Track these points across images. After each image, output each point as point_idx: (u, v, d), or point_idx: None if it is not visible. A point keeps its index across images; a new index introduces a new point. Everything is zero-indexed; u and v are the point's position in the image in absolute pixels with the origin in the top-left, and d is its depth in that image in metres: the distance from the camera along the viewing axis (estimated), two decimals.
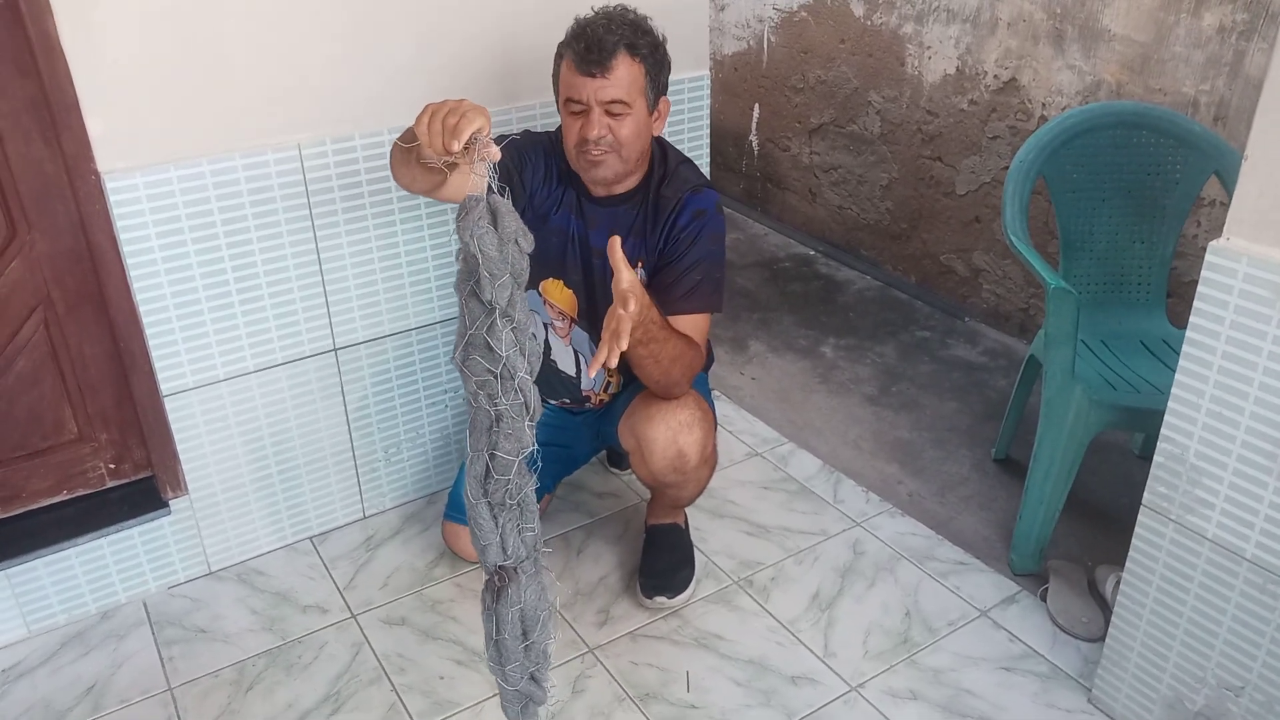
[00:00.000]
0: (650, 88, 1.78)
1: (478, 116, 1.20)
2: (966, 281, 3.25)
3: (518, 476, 1.23)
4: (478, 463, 1.22)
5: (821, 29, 3.54)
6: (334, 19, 1.86)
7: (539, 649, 1.33)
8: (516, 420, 1.20)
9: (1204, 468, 1.53)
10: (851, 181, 3.61)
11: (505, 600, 1.29)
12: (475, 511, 1.24)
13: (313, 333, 2.06)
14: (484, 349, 1.17)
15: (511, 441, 1.21)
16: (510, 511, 1.25)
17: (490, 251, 1.13)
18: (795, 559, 2.18)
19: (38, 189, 1.76)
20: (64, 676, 1.90)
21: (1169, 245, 2.27)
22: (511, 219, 1.15)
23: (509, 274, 1.15)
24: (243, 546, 2.17)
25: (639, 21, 1.78)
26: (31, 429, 1.91)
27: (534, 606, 1.30)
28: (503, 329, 1.16)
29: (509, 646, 1.31)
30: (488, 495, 1.24)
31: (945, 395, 2.82)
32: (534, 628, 1.31)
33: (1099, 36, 2.65)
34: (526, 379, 1.19)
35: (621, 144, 1.77)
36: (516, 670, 1.33)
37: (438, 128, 1.22)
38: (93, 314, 1.89)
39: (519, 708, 1.38)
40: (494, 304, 1.15)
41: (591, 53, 1.70)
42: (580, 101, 1.73)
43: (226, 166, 1.84)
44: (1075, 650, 1.93)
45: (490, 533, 1.25)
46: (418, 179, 1.58)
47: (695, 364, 1.83)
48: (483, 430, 1.22)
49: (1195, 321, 1.47)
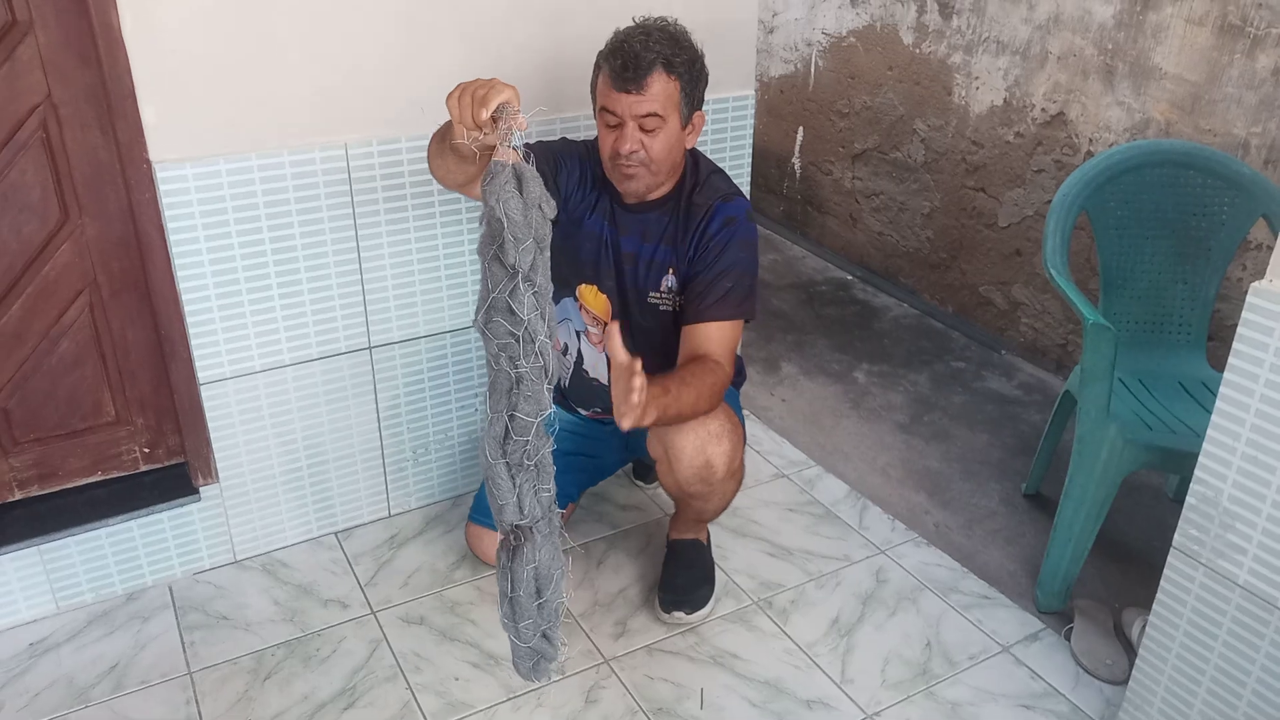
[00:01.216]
0: (685, 102, 1.78)
1: (506, 89, 1.25)
2: (1005, 314, 3.23)
3: (535, 438, 1.25)
4: (497, 424, 1.24)
5: (870, 55, 3.54)
6: (386, 23, 1.90)
7: (551, 607, 1.35)
8: (536, 383, 1.22)
9: (1237, 512, 1.50)
10: (893, 208, 3.60)
11: (521, 558, 1.31)
12: (493, 471, 1.26)
13: (349, 330, 2.08)
14: (506, 312, 1.19)
15: (531, 403, 1.23)
16: (527, 472, 1.27)
17: (515, 215, 1.15)
18: (817, 583, 2.17)
19: (90, 175, 1.81)
20: (88, 654, 1.93)
21: (1212, 287, 2.24)
22: (536, 184, 1.18)
23: (532, 238, 1.17)
24: (269, 537, 2.20)
25: (678, 35, 1.78)
26: (71, 410, 1.95)
27: (548, 565, 1.33)
28: (524, 293, 1.18)
29: (523, 604, 1.33)
30: (506, 456, 1.26)
31: (977, 427, 2.79)
32: (547, 586, 1.33)
33: (1150, 74, 2.63)
34: (546, 342, 1.21)
35: (653, 158, 1.78)
36: (529, 628, 1.35)
37: (467, 100, 1.27)
38: (136, 300, 1.93)
39: (530, 664, 1.40)
40: (517, 268, 1.17)
41: (628, 70, 1.71)
42: (615, 114, 1.75)
43: (274, 162, 1.88)
44: (1097, 692, 1.90)
45: (508, 492, 1.27)
46: (452, 169, 1.60)
47: (718, 386, 1.80)
48: (503, 392, 1.24)
49: (1234, 363, 1.45)
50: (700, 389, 1.74)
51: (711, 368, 1.79)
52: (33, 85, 1.72)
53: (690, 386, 1.73)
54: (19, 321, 1.84)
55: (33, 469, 1.97)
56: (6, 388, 1.88)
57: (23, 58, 1.69)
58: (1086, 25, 2.76)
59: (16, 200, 1.77)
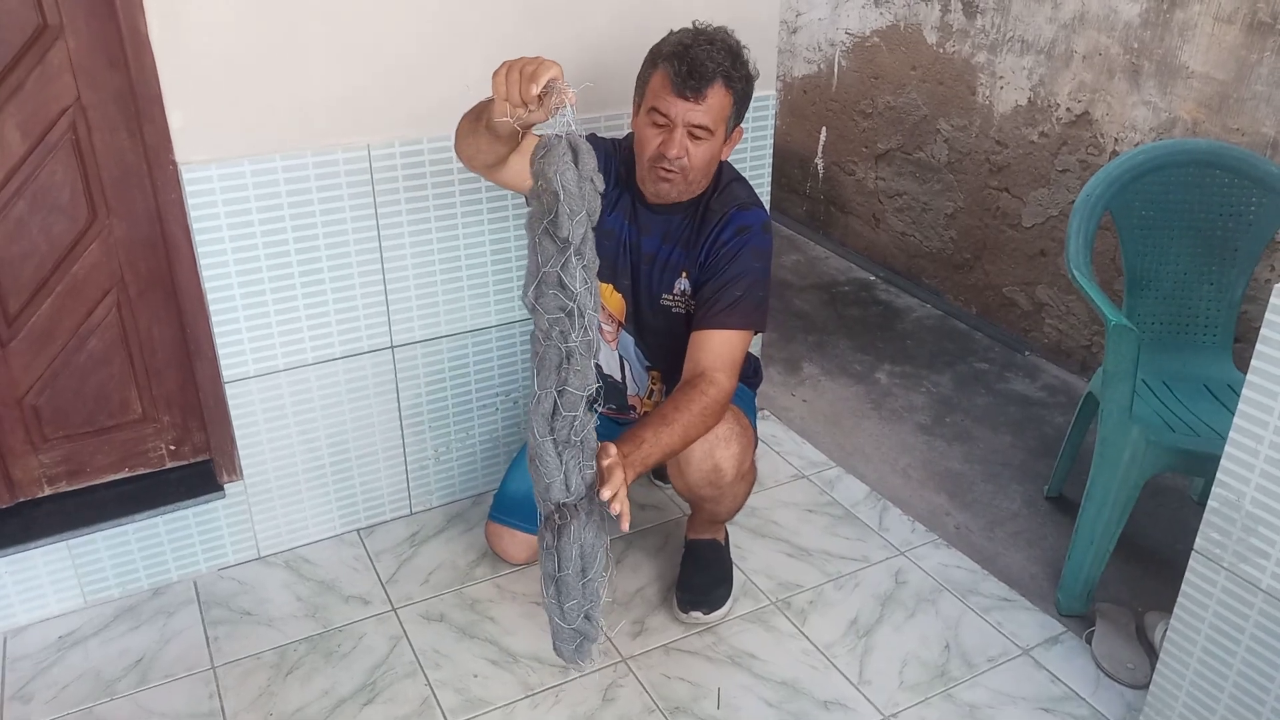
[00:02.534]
0: (734, 117, 1.79)
1: (552, 65, 1.27)
2: (1028, 315, 3.20)
3: (583, 413, 1.27)
4: (545, 401, 1.25)
5: (893, 55, 3.53)
6: (409, 25, 1.91)
7: (594, 587, 1.36)
8: (585, 357, 1.24)
9: (1260, 515, 1.48)
10: (916, 208, 3.58)
11: (567, 536, 1.31)
12: (540, 449, 1.27)
13: (371, 330, 2.11)
14: (557, 286, 1.20)
15: (580, 378, 1.24)
16: (574, 449, 1.28)
17: (571, 187, 1.17)
18: (835, 584, 2.16)
19: (118, 176, 1.84)
20: (114, 647, 1.96)
21: (1239, 288, 2.21)
22: (589, 157, 1.20)
23: (585, 211, 1.18)
24: (292, 534, 2.22)
25: (738, 51, 1.78)
26: (99, 407, 1.99)
27: (592, 543, 1.33)
28: (575, 266, 1.19)
29: (569, 583, 1.33)
30: (554, 433, 1.27)
31: (1000, 429, 2.78)
32: (592, 564, 1.34)
33: (1177, 73, 2.60)
34: (594, 316, 1.22)
35: (693, 166, 1.78)
36: (575, 608, 1.35)
37: (515, 77, 1.28)
38: (162, 299, 1.96)
39: (574, 646, 1.40)
40: (569, 240, 1.18)
41: (692, 77, 1.70)
42: (667, 117, 1.74)
43: (298, 163, 1.90)
44: (1118, 696, 1.89)
45: (555, 470, 1.28)
46: (483, 148, 1.60)
47: (711, 408, 1.75)
48: (552, 368, 1.24)
49: (1257, 365, 1.44)
50: (689, 421, 1.71)
51: (702, 390, 1.75)
52: (63, 89, 1.75)
53: (674, 426, 1.69)
54: (48, 320, 1.88)
55: (61, 465, 2.00)
56: (36, 385, 1.91)
57: (53, 62, 1.72)
58: (1112, 24, 2.73)
59: (46, 201, 1.80)
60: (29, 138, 1.75)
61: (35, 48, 1.71)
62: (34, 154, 1.77)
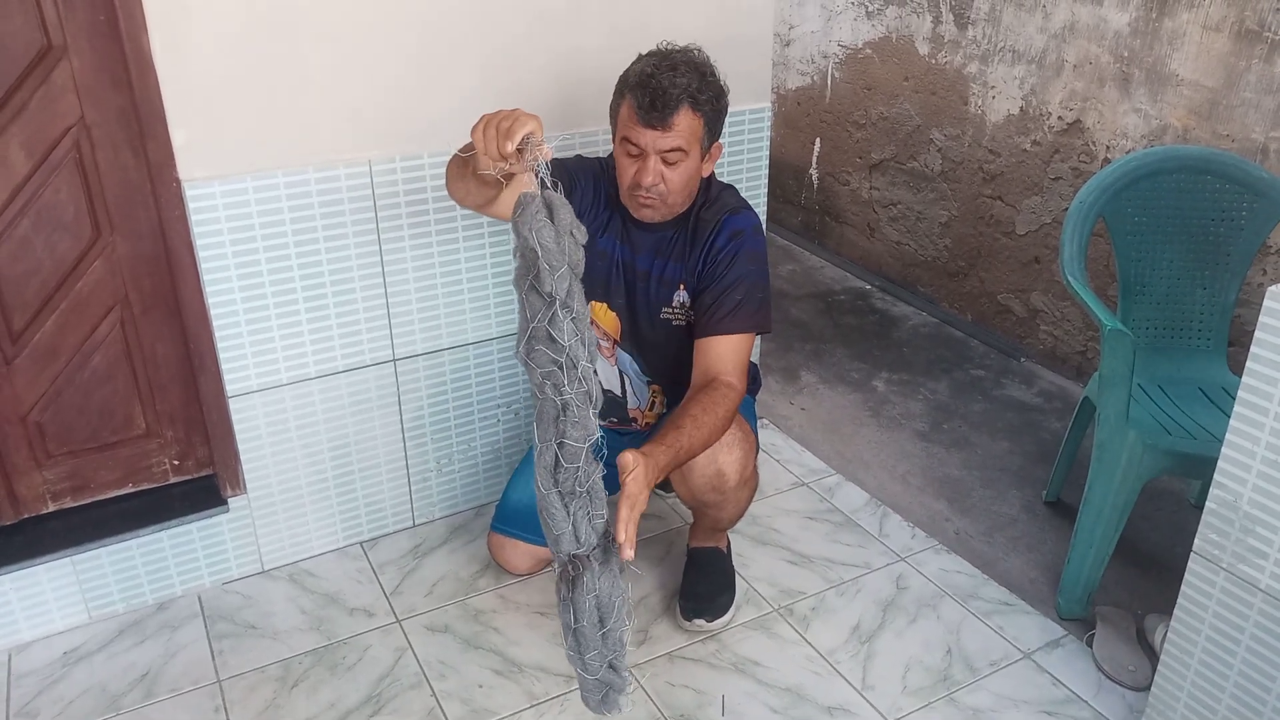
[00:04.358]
0: (707, 136, 1.78)
1: (530, 120, 1.26)
2: (1024, 322, 3.23)
3: (586, 464, 1.25)
4: (546, 453, 1.24)
5: (886, 66, 3.56)
6: (407, 43, 1.93)
7: (615, 636, 1.33)
8: (582, 408, 1.23)
9: (1258, 516, 1.50)
10: (910, 218, 3.61)
11: (581, 588, 1.28)
12: (546, 501, 1.25)
13: (374, 343, 2.12)
14: (547, 340, 1.20)
15: (579, 429, 1.23)
16: (580, 499, 1.26)
17: (549, 244, 1.17)
18: (837, 590, 2.17)
19: (122, 194, 1.85)
20: (120, 663, 1.96)
21: (1232, 292, 2.24)
22: (566, 212, 1.19)
23: (567, 265, 1.18)
24: (295, 547, 2.23)
25: (703, 68, 1.76)
26: (103, 423, 2.00)
27: (609, 593, 1.31)
28: (564, 319, 1.19)
29: (587, 635, 1.30)
30: (558, 485, 1.26)
31: (998, 435, 2.79)
32: (610, 615, 1.31)
33: (1167, 81, 2.63)
34: (589, 367, 1.22)
35: (671, 190, 1.79)
36: (596, 659, 1.32)
37: (492, 133, 1.28)
38: (166, 315, 1.97)
39: (599, 697, 1.37)
40: (554, 295, 1.18)
41: (655, 108, 1.70)
42: (638, 146, 1.75)
43: (300, 179, 1.92)
44: (1120, 698, 1.90)
45: (563, 521, 1.26)
46: (472, 192, 1.61)
47: (729, 411, 1.76)
48: (550, 421, 1.24)
49: (1252, 367, 1.46)
50: (714, 424, 1.72)
51: (723, 394, 1.76)
52: (67, 108, 1.76)
53: (702, 428, 1.69)
54: (53, 337, 1.89)
55: (66, 481, 2.01)
56: (41, 402, 1.92)
57: (57, 81, 1.74)
58: (1102, 33, 2.77)
59: (51, 219, 1.82)
60: (33, 157, 1.77)
61: (40, 68, 1.72)
62: (38, 173, 1.78)
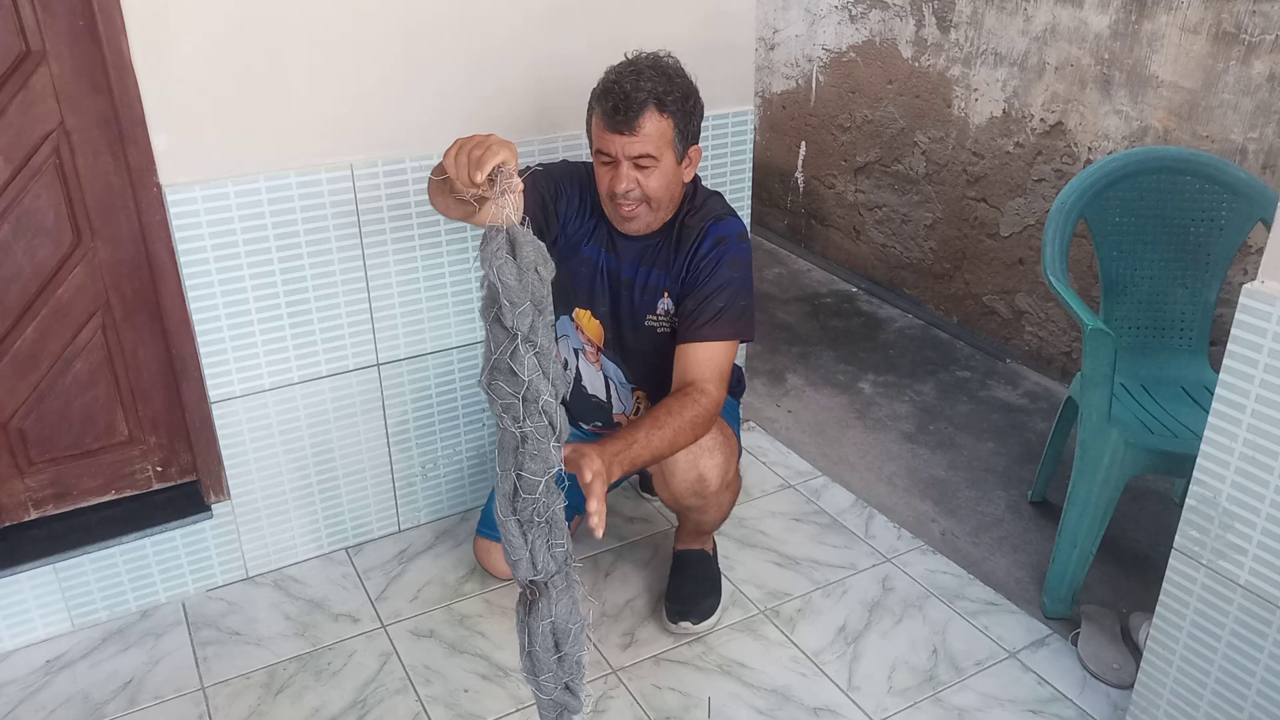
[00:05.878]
0: (679, 139, 1.78)
1: (502, 150, 1.23)
2: (1009, 323, 3.24)
3: (545, 495, 1.25)
4: (506, 481, 1.24)
5: (870, 70, 3.57)
6: (389, 47, 1.94)
7: (572, 660, 1.34)
8: (541, 441, 1.22)
9: (1236, 512, 1.51)
10: (895, 220, 3.62)
11: (536, 614, 1.30)
12: (505, 528, 1.26)
13: (357, 347, 2.12)
14: (508, 374, 1.19)
15: (537, 462, 1.23)
16: (539, 528, 1.27)
17: (510, 281, 1.15)
18: (823, 591, 2.18)
19: (103, 199, 1.85)
20: (103, 670, 1.95)
21: (1213, 291, 2.25)
22: (530, 249, 1.17)
23: (529, 302, 1.17)
24: (280, 553, 2.22)
25: (670, 71, 1.76)
26: (85, 429, 1.99)
27: (565, 620, 1.32)
28: (525, 354, 1.18)
29: (541, 658, 1.32)
30: (516, 513, 1.26)
31: (983, 436, 2.80)
32: (565, 640, 1.32)
33: (1147, 82, 2.65)
34: (551, 402, 1.21)
35: (650, 195, 1.79)
36: (550, 680, 1.34)
37: (464, 160, 1.26)
38: (148, 321, 1.96)
39: (554, 715, 1.40)
40: (515, 330, 1.18)
41: (618, 112, 1.71)
42: (609, 154, 1.76)
43: (281, 184, 1.92)
44: (1104, 696, 1.90)
45: (520, 548, 1.27)
46: (451, 208, 1.61)
47: (701, 417, 1.75)
48: (510, 451, 1.24)
49: (1229, 364, 1.47)
50: (679, 426, 1.71)
51: (694, 399, 1.75)
52: (46, 113, 1.76)
53: (665, 429, 1.69)
54: (34, 343, 1.88)
55: (48, 488, 2.00)
56: (22, 409, 1.91)
57: (36, 87, 1.74)
58: (1083, 35, 2.79)
59: (31, 225, 1.81)
60: (12, 162, 1.76)
61: (18, 73, 1.72)
62: (17, 178, 1.77)
